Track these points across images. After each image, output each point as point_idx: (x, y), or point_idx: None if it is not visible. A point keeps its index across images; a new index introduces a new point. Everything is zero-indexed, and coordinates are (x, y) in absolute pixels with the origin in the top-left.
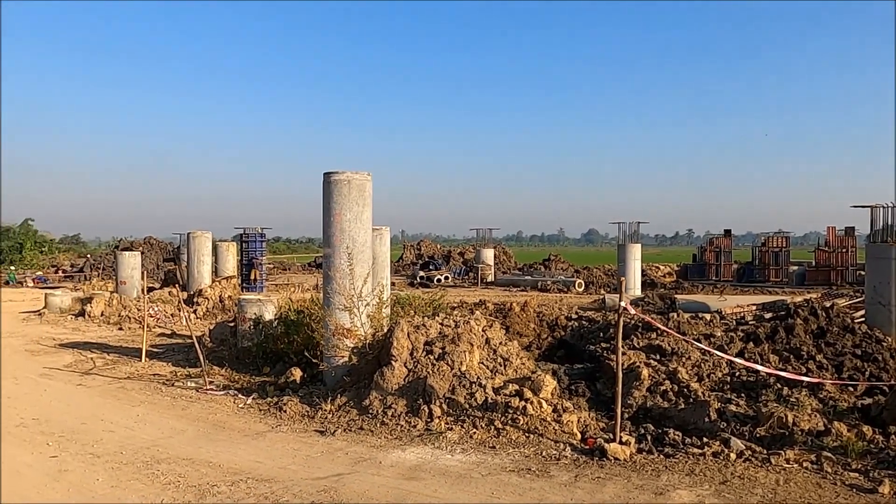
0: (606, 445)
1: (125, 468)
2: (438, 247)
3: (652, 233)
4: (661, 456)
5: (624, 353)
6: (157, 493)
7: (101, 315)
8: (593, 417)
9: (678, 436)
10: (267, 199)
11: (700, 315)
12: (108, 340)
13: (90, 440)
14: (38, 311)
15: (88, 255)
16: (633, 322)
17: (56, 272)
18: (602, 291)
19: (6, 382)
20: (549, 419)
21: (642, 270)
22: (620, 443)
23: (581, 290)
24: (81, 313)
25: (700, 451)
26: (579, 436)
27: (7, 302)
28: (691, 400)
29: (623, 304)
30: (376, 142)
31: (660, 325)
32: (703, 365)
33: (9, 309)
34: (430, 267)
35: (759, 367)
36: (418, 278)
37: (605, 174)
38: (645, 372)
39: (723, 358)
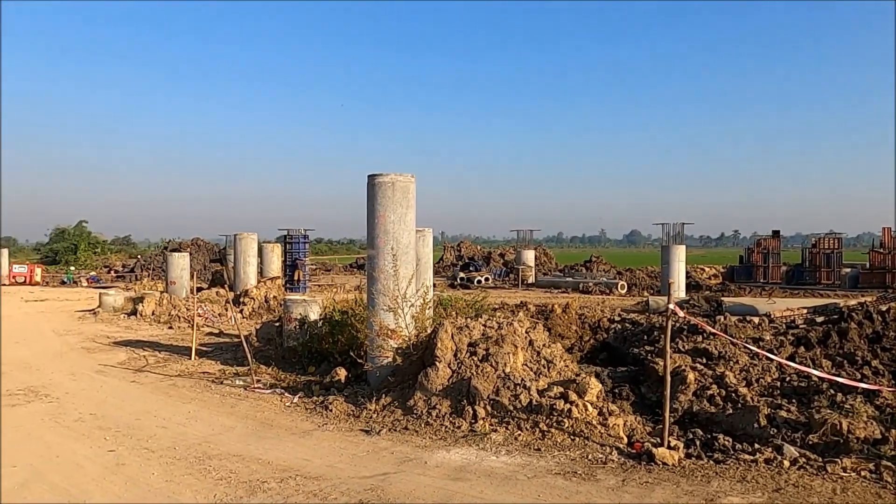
0: (654, 450)
1: (178, 463)
2: (479, 248)
3: (696, 234)
4: (711, 462)
5: (669, 357)
6: (210, 489)
7: (152, 314)
8: (639, 421)
9: (728, 441)
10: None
11: (748, 318)
12: (160, 339)
13: (145, 435)
14: (93, 309)
15: (139, 256)
16: (678, 325)
17: (108, 272)
18: (645, 293)
19: (65, 378)
20: (594, 422)
21: (687, 272)
22: (669, 447)
23: (623, 292)
24: (133, 312)
25: (752, 457)
26: (626, 440)
27: (63, 301)
28: (739, 405)
29: (671, 306)
30: (417, 144)
31: (709, 328)
32: (751, 369)
33: (65, 307)
34: (471, 268)
35: (813, 372)
36: (458, 279)
37: (648, 174)
38: (691, 376)
39: (773, 362)
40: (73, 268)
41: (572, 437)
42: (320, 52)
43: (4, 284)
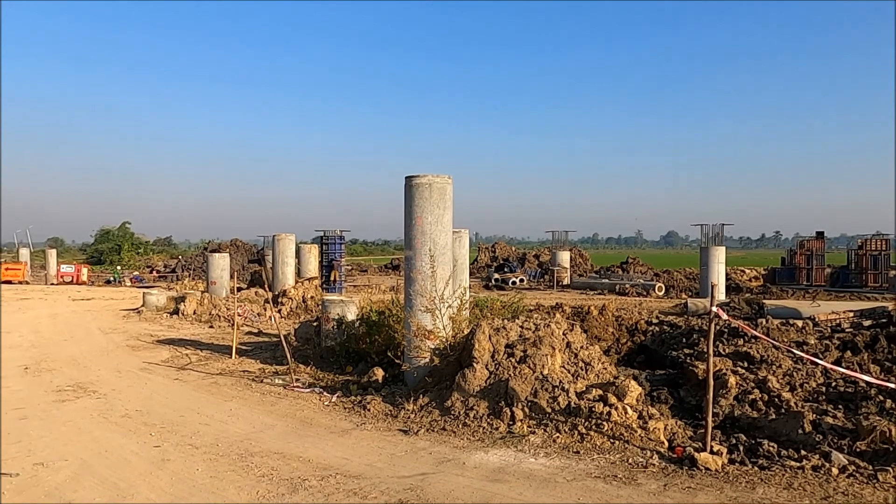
0: (696, 455)
1: (221, 460)
2: (513, 249)
3: (736, 235)
4: (756, 468)
5: (712, 360)
6: (253, 485)
7: (194, 313)
8: (680, 425)
9: (773, 447)
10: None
11: (791, 321)
12: (201, 337)
13: (188, 432)
14: (137, 308)
15: (180, 256)
16: (718, 328)
17: (151, 272)
18: (683, 296)
19: (111, 375)
20: (634, 426)
21: (726, 274)
22: (711, 452)
23: (661, 293)
24: (175, 311)
25: (798, 464)
26: (666, 444)
27: (108, 300)
28: (783, 410)
29: (714, 308)
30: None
31: (753, 331)
32: (795, 374)
33: (110, 306)
34: (505, 269)
35: (861, 377)
36: (493, 280)
37: (685, 174)
38: (732, 380)
39: (818, 366)
40: (118, 267)
41: (612, 440)
42: (356, 54)
43: (53, 283)
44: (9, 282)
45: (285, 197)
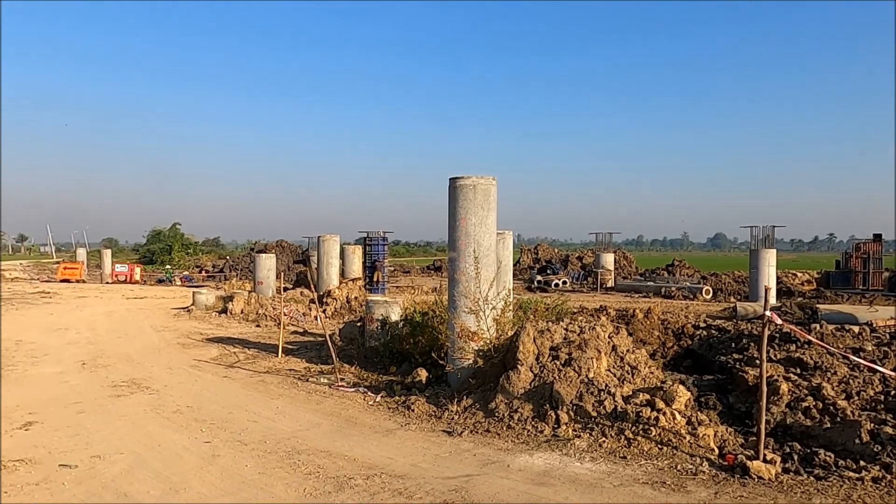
0: (749, 463)
1: (269, 457)
2: (556, 251)
3: (787, 237)
4: (811, 478)
5: (765, 365)
6: (300, 482)
7: (241, 312)
8: (730, 432)
9: (829, 457)
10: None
11: (846, 327)
12: (248, 336)
13: (237, 428)
14: (187, 307)
15: (227, 257)
16: (770, 332)
17: (200, 272)
18: (732, 299)
19: (163, 372)
20: (683, 432)
21: (777, 278)
22: (764, 461)
23: (708, 297)
24: (224, 310)
25: (857, 475)
26: (717, 451)
27: (160, 299)
28: (838, 419)
29: (768, 313)
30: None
31: (807, 336)
32: (851, 381)
33: (161, 305)
34: (548, 271)
35: None
36: (535, 282)
37: (734, 175)
38: (784, 386)
39: (876, 374)
40: (168, 267)
41: (660, 446)
42: (401, 58)
43: (108, 282)
44: (67, 280)
45: (330, 198)
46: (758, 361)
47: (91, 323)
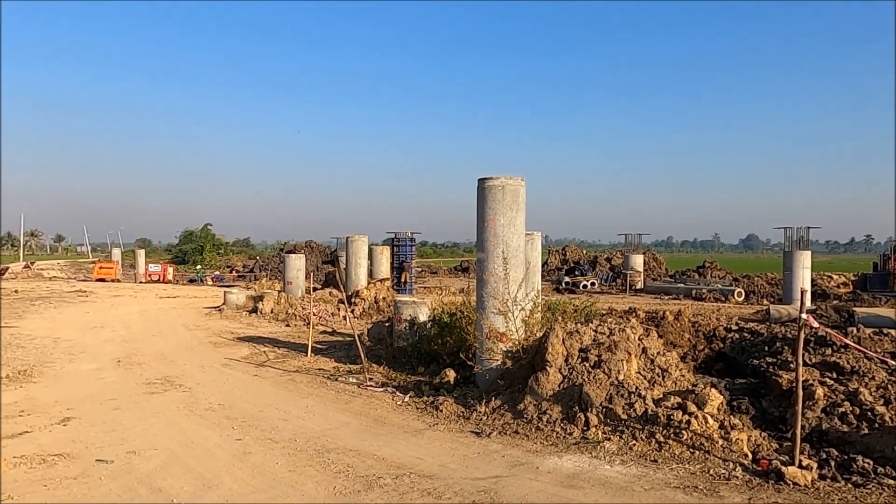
0: (783, 468)
1: (300, 455)
2: (584, 252)
3: (822, 239)
4: (849, 485)
5: (801, 369)
6: (330, 481)
7: (271, 312)
8: (764, 437)
9: (868, 464)
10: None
11: (885, 331)
12: (278, 336)
13: (268, 426)
14: (218, 307)
15: (257, 257)
16: (805, 336)
17: (230, 272)
18: (765, 302)
19: (196, 370)
20: (715, 436)
21: (812, 280)
22: (800, 466)
23: (741, 299)
24: (254, 310)
25: None
26: (750, 456)
27: (192, 298)
28: (877, 425)
29: (804, 315)
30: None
31: (844, 340)
32: (889, 386)
33: (193, 304)
34: (576, 272)
35: None
36: (563, 284)
37: (767, 174)
38: (819, 391)
39: None
40: (199, 266)
41: (691, 449)
42: (428, 56)
43: (142, 281)
44: (103, 279)
45: (359, 199)
46: (792, 365)
47: (126, 321)
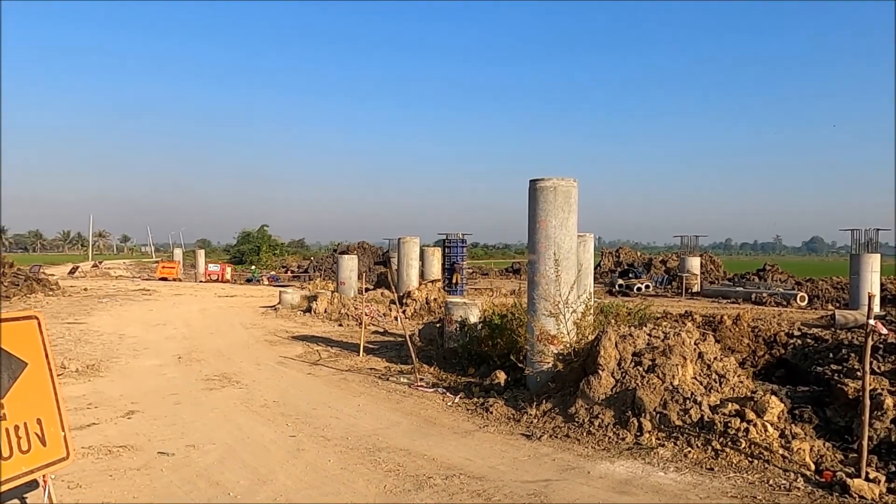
0: (849, 480)
1: (351, 453)
2: (638, 254)
3: (892, 241)
4: None
5: (868, 377)
6: (381, 479)
7: (325, 312)
8: (828, 447)
9: None
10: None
11: None
12: (331, 335)
13: (320, 424)
14: (274, 306)
15: (312, 258)
16: (873, 343)
17: (285, 272)
18: (830, 307)
19: (252, 367)
20: (775, 445)
21: (882, 284)
22: (867, 479)
23: (804, 304)
24: (308, 310)
25: None
26: (813, 466)
27: (249, 297)
28: None
29: (871, 321)
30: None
31: None
32: None
33: (250, 303)
34: (630, 275)
35: None
36: (617, 286)
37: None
38: (889, 401)
39: None
40: (254, 267)
41: (749, 459)
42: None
43: (201, 281)
44: (165, 278)
45: (410, 201)
46: (859, 373)
47: (186, 319)
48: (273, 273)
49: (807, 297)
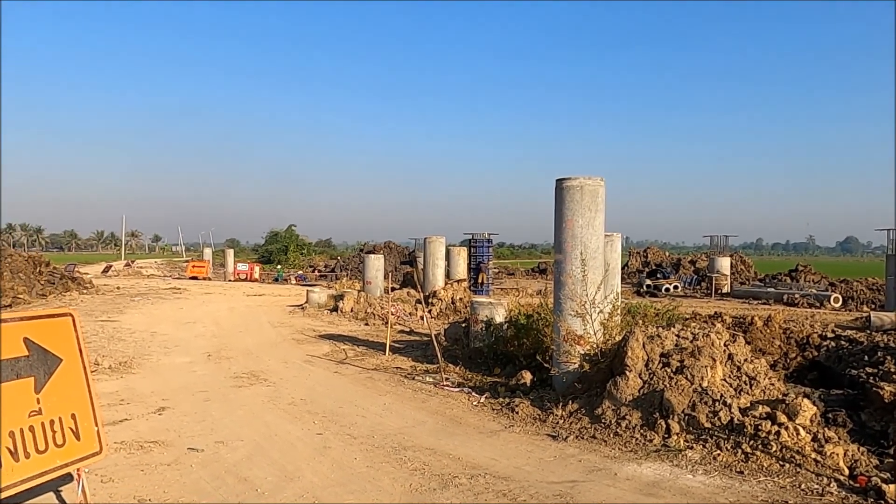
0: (884, 486)
1: (377, 451)
2: (666, 254)
3: None
4: None
5: None
6: (406, 478)
7: (351, 311)
8: (863, 452)
9: None
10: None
11: None
12: (357, 334)
13: (347, 422)
14: (301, 305)
15: (338, 257)
16: None
17: (313, 271)
18: (865, 308)
19: (279, 365)
20: (807, 449)
21: None
22: None
23: (837, 305)
24: (335, 309)
25: None
26: (847, 471)
27: (276, 296)
28: None
29: None
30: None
31: None
32: None
33: (278, 302)
34: (658, 275)
35: None
36: (645, 287)
37: (867, 172)
38: None
39: None
40: (280, 266)
41: (781, 462)
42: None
43: (230, 280)
44: (195, 277)
45: (436, 201)
46: (895, 376)
47: (216, 318)
48: (300, 272)
49: (841, 299)
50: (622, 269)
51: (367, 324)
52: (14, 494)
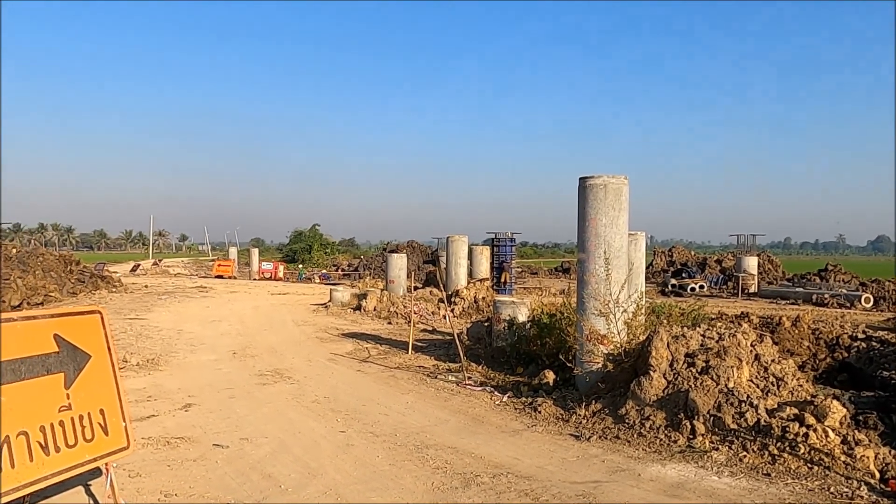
0: None
1: (400, 449)
2: (692, 253)
3: None
4: None
5: None
6: (428, 476)
7: (374, 310)
8: (894, 455)
9: None
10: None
11: None
12: (380, 333)
13: (370, 420)
14: (325, 303)
15: (362, 256)
16: None
17: (336, 270)
18: None
19: (303, 363)
20: (836, 451)
21: None
22: None
23: (868, 306)
24: (358, 307)
25: None
26: (878, 475)
27: (300, 295)
28: None
29: None
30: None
31: None
32: None
33: (302, 301)
34: (684, 275)
35: None
36: (670, 286)
37: None
38: None
39: None
40: (300, 265)
41: (809, 465)
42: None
43: (255, 279)
44: (221, 276)
45: (459, 201)
46: None
47: (241, 316)
48: (324, 271)
49: (872, 299)
50: (647, 268)
51: (389, 322)
52: (45, 487)
